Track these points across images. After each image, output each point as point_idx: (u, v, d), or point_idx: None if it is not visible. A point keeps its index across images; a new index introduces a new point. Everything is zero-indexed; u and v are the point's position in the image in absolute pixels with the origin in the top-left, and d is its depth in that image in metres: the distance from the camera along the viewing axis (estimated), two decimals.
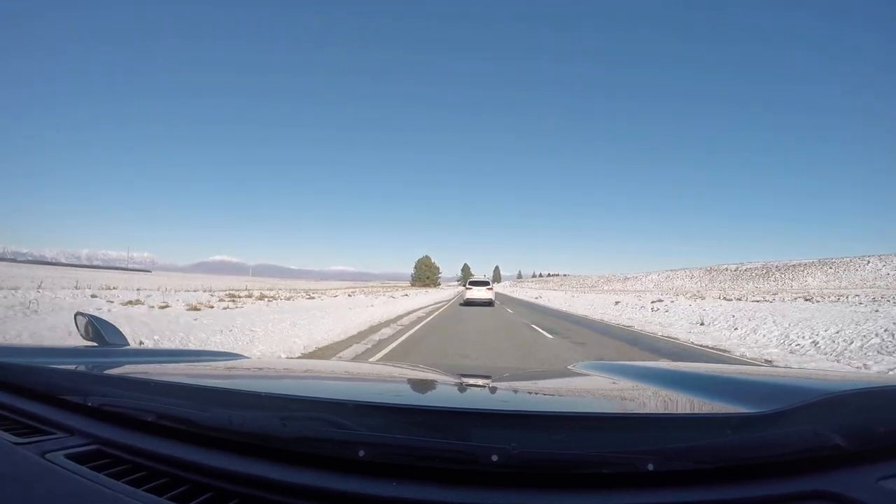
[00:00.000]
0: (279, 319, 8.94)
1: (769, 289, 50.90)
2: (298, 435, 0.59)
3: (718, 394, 0.72)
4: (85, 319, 1.22)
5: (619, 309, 18.26)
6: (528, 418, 0.61)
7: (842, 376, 1.01)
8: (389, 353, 6.63)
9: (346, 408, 0.62)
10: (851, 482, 0.52)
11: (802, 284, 59.32)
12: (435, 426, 0.59)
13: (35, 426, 0.70)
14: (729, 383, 0.85)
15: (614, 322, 13.71)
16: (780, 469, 0.54)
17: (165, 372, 0.98)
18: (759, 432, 0.54)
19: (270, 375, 1.17)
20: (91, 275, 34.78)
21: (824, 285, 54.66)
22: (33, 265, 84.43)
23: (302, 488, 0.54)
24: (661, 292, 41.24)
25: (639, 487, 0.53)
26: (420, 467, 0.55)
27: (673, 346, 8.45)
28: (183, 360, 1.26)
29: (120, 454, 0.63)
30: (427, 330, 9.97)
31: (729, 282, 74.04)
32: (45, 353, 1.11)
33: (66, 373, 0.85)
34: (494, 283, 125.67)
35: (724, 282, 74.66)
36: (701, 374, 0.96)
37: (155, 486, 0.56)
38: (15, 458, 0.58)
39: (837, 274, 62.89)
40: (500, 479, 0.54)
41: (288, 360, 4.72)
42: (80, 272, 41.21)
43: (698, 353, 7.64)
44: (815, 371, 1.78)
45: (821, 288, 46.88)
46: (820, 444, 0.54)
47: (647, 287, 75.80)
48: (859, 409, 0.58)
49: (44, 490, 0.52)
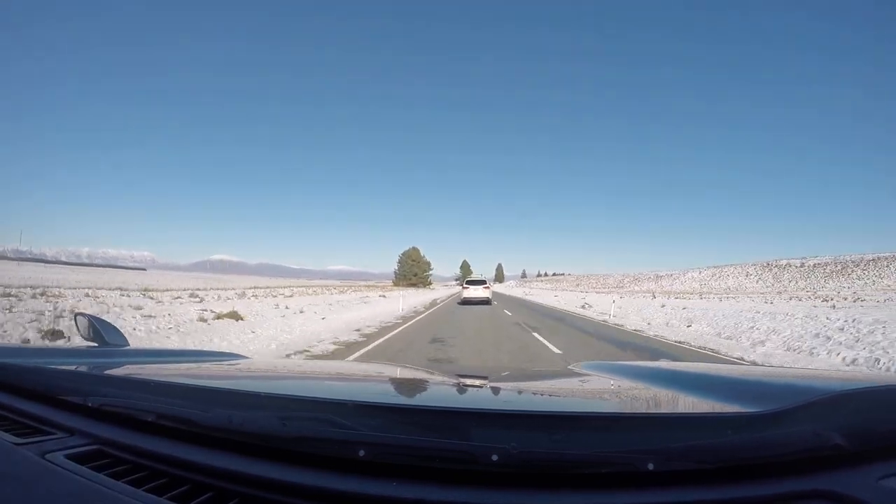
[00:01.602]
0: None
1: (859, 287, 42.25)
2: (298, 435, 0.59)
3: (718, 394, 0.72)
4: (85, 319, 1.22)
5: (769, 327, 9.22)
6: (528, 418, 0.61)
7: (842, 376, 1.01)
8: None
9: (346, 408, 0.62)
10: (851, 482, 0.52)
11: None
12: (435, 426, 0.59)
13: (35, 426, 0.70)
14: (729, 383, 0.85)
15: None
16: (780, 469, 0.54)
17: (166, 372, 0.98)
18: (759, 432, 0.54)
19: (270, 375, 1.17)
20: (87, 276, 34.55)
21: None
22: (30, 263, 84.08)
23: (302, 488, 0.54)
24: (720, 293, 33.28)
25: (639, 487, 0.53)
26: (420, 467, 0.55)
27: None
28: (183, 361, 1.26)
29: (120, 454, 0.63)
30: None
31: (799, 279, 63.19)
32: (45, 354, 1.11)
33: (66, 373, 0.85)
34: (497, 282, 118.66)
35: (792, 280, 63.74)
36: (701, 374, 0.96)
37: (155, 486, 0.56)
38: (15, 458, 0.58)
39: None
40: (500, 479, 0.54)
41: (288, 360, 4.73)
42: (77, 272, 41.04)
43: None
44: (815, 371, 1.78)
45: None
46: (820, 443, 0.54)
47: (691, 287, 65.37)
48: (859, 409, 0.58)
49: (44, 490, 0.52)
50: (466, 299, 19.81)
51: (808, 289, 47.94)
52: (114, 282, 18.43)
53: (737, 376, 0.94)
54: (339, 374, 1.23)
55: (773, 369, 1.81)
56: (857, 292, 32.45)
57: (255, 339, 7.77)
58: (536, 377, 1.46)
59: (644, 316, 14.56)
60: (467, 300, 19.76)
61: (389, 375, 1.27)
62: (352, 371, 1.37)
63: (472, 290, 20.12)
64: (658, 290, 57.56)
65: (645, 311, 15.83)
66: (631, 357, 6.80)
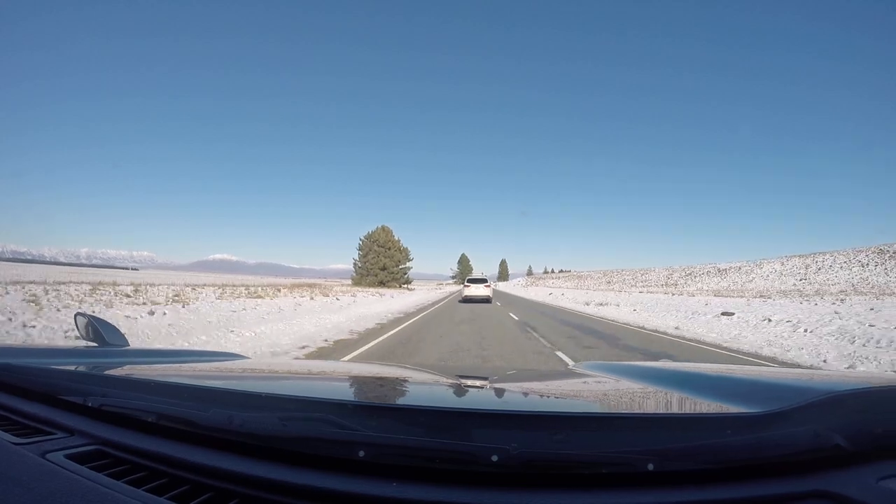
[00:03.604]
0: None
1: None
2: (299, 435, 0.59)
3: (718, 394, 0.72)
4: (85, 319, 1.22)
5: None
6: (529, 418, 0.61)
7: (842, 376, 1.01)
8: None
9: (346, 408, 0.62)
10: (851, 482, 0.52)
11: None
12: (435, 426, 0.59)
13: (35, 426, 0.70)
14: (729, 383, 0.85)
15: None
16: (780, 469, 0.54)
17: (166, 372, 0.98)
18: (759, 432, 0.54)
19: (270, 376, 1.17)
20: (80, 275, 34.32)
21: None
22: (23, 264, 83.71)
23: (302, 488, 0.54)
24: (838, 293, 22.86)
25: (639, 487, 0.53)
26: (420, 468, 0.55)
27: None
28: (183, 361, 1.26)
29: (120, 454, 0.63)
30: None
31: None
32: (46, 354, 1.11)
33: (66, 373, 0.85)
34: (501, 280, 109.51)
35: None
36: (701, 374, 0.96)
37: (155, 487, 0.56)
38: (15, 458, 0.58)
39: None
40: (501, 479, 0.54)
41: (288, 360, 4.72)
42: (70, 271, 40.75)
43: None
44: (815, 371, 1.78)
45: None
46: (820, 444, 0.54)
47: (771, 285, 43.56)
48: (859, 409, 0.58)
49: (44, 490, 0.51)
50: (467, 297, 20.84)
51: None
52: (94, 279, 17.62)
53: (737, 376, 0.94)
54: (340, 375, 1.23)
55: (774, 369, 1.81)
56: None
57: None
58: (536, 378, 1.46)
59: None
60: (468, 298, 20.75)
61: (390, 376, 1.27)
62: (352, 371, 1.37)
63: (474, 288, 21.12)
64: (748, 289, 38.85)
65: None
66: None
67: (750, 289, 40.47)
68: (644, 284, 63.06)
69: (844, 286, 36.02)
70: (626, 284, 65.19)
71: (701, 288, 46.08)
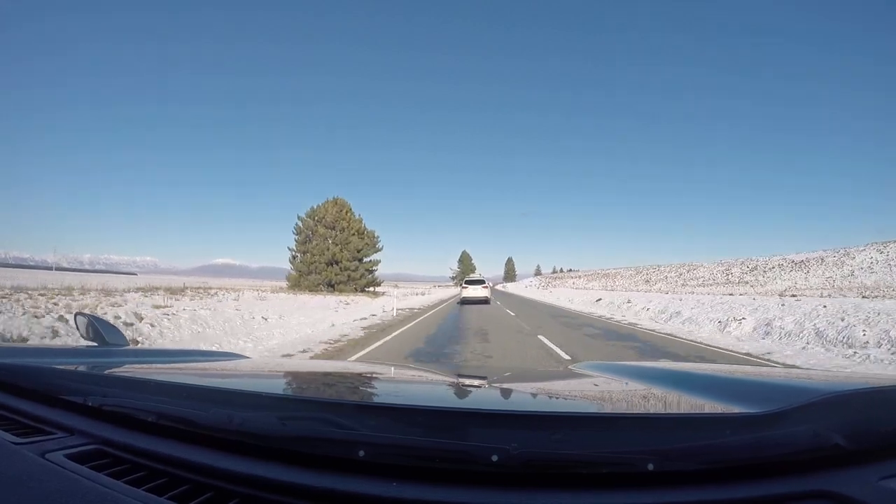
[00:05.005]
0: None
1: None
2: (298, 435, 0.59)
3: (718, 394, 0.72)
4: (85, 319, 1.23)
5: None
6: (529, 418, 0.61)
7: (842, 376, 1.01)
8: None
9: (346, 408, 0.62)
10: (851, 482, 0.52)
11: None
12: (435, 426, 0.58)
13: (35, 426, 0.70)
14: (729, 383, 0.85)
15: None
16: (780, 469, 0.54)
17: (166, 372, 0.98)
18: (759, 432, 0.54)
19: (270, 375, 1.17)
20: (79, 280, 33.89)
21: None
22: (32, 271, 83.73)
23: (302, 488, 0.54)
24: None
25: (639, 487, 0.53)
26: (420, 468, 0.55)
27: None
28: (183, 360, 1.26)
29: (120, 454, 0.63)
30: None
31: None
32: (45, 354, 1.12)
33: (66, 373, 0.85)
34: (508, 281, 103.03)
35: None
36: (701, 374, 0.96)
37: (155, 486, 0.56)
38: (15, 458, 0.58)
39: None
40: (501, 479, 0.54)
41: (288, 360, 4.72)
42: (70, 276, 40.58)
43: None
44: (815, 371, 1.78)
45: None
46: (820, 444, 0.54)
47: (881, 279, 31.72)
48: (859, 409, 0.58)
49: (44, 490, 0.51)
50: (465, 299, 20.66)
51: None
52: (91, 284, 17.20)
53: (737, 376, 0.93)
54: (340, 374, 1.23)
55: (774, 370, 1.80)
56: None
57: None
58: (536, 378, 1.46)
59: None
60: (466, 300, 20.58)
61: (389, 375, 1.27)
62: (352, 371, 1.37)
63: (472, 289, 21.00)
64: (863, 286, 29.40)
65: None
66: None
67: (866, 285, 30.14)
68: (697, 283, 48.47)
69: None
70: (671, 283, 50.46)
71: (789, 286, 34.57)
